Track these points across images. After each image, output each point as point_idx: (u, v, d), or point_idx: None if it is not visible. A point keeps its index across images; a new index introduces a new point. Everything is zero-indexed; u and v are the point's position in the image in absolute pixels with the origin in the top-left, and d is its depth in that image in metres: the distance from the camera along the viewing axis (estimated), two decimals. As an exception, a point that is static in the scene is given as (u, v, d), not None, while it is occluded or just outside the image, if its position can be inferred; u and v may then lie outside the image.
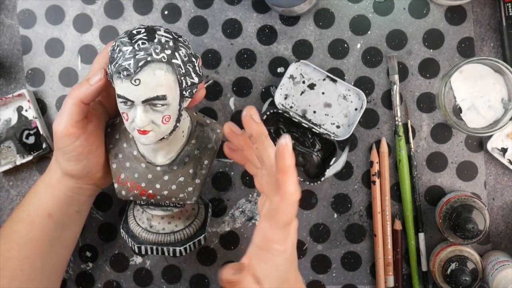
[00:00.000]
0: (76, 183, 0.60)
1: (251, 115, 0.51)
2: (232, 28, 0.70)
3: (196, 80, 0.54)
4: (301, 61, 0.68)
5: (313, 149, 0.68)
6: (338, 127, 0.68)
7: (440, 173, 0.69)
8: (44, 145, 0.71)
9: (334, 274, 0.71)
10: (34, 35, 0.72)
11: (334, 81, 0.68)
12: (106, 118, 0.61)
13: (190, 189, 0.59)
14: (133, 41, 0.51)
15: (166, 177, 0.59)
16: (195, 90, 0.55)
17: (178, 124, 0.55)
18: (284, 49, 0.70)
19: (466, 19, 0.68)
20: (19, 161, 0.71)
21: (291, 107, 0.68)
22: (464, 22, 0.68)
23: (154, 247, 0.62)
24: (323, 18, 0.69)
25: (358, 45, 0.69)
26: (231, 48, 0.70)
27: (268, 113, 0.67)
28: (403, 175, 0.68)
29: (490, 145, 0.67)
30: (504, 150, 0.67)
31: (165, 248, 0.62)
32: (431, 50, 0.68)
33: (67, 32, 0.72)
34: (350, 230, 0.70)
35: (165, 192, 0.59)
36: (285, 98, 0.68)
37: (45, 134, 0.71)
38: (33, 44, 0.72)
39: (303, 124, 0.67)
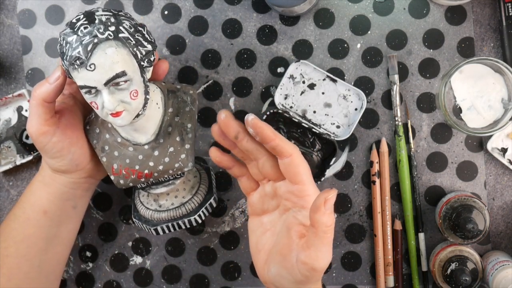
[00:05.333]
0: (69, 178, 0.60)
1: (226, 115, 0.54)
2: (232, 28, 0.70)
3: (149, 47, 0.54)
4: (301, 61, 0.68)
5: (313, 149, 0.68)
6: (338, 127, 0.68)
7: (440, 173, 0.69)
8: (44, 145, 0.71)
9: (334, 274, 0.71)
10: (34, 35, 0.72)
11: (334, 81, 0.68)
12: (81, 109, 0.61)
13: (183, 156, 0.59)
14: (75, 29, 0.51)
15: (156, 153, 0.59)
16: (153, 58, 0.54)
17: (148, 96, 0.55)
18: (284, 49, 0.70)
19: (466, 19, 0.68)
20: (19, 161, 0.71)
21: (291, 107, 0.68)
22: (464, 22, 0.68)
23: (170, 224, 0.62)
24: (323, 18, 0.69)
25: (358, 45, 0.69)
26: (231, 48, 0.70)
27: (268, 113, 0.67)
28: (403, 175, 0.68)
29: (490, 145, 0.67)
30: (504, 150, 0.67)
31: (180, 222, 0.62)
32: (431, 50, 0.68)
33: (67, 32, 0.72)
34: (350, 230, 0.70)
35: (160, 167, 0.59)
36: (285, 98, 0.68)
37: (45, 134, 0.71)
38: (33, 44, 0.72)
39: (303, 124, 0.67)
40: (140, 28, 0.54)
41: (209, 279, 0.72)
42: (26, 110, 0.72)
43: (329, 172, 0.69)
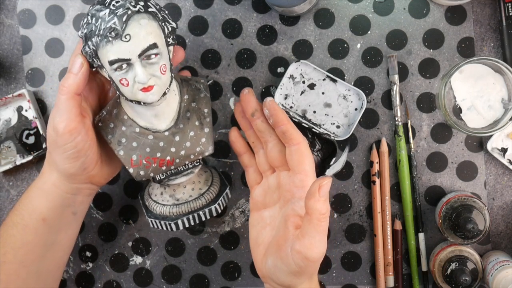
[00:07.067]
0: (71, 183, 0.60)
1: (249, 91, 0.59)
2: (232, 28, 0.70)
3: (174, 25, 0.56)
4: (301, 61, 0.68)
5: (313, 149, 0.68)
6: (338, 127, 0.68)
7: (440, 173, 0.69)
8: (44, 145, 0.71)
9: (334, 274, 0.71)
10: (34, 35, 0.72)
11: (334, 81, 0.68)
12: (91, 114, 0.60)
13: (204, 140, 0.60)
14: (106, 4, 0.52)
15: (177, 138, 0.59)
16: (175, 37, 0.56)
17: (172, 74, 0.56)
18: (284, 49, 0.70)
19: (466, 19, 0.68)
20: (19, 161, 0.71)
21: (291, 107, 0.68)
22: (464, 22, 0.68)
23: (190, 216, 0.62)
24: (323, 18, 0.69)
25: (358, 45, 0.69)
26: (231, 48, 0.70)
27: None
28: (403, 175, 0.68)
29: (490, 145, 0.67)
30: (504, 150, 0.67)
31: (201, 213, 0.62)
32: (431, 50, 0.68)
33: (67, 32, 0.72)
34: (350, 230, 0.70)
35: (182, 152, 0.59)
36: (285, 98, 0.68)
37: (45, 134, 0.71)
38: (33, 44, 0.72)
39: (303, 124, 0.67)
40: (163, 9, 0.56)
41: (209, 279, 0.72)
42: (26, 110, 0.72)
43: (329, 172, 0.69)
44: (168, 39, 0.55)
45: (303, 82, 0.68)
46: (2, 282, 0.58)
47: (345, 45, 0.69)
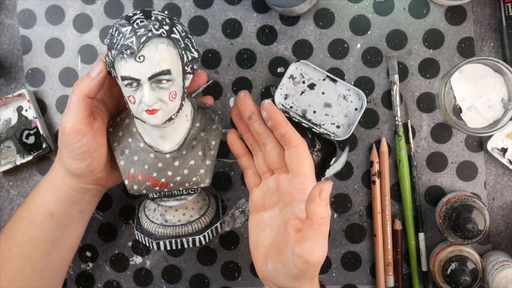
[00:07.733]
0: (78, 182, 0.60)
1: (245, 94, 0.59)
2: (232, 28, 0.70)
3: (195, 54, 0.55)
4: (301, 61, 0.67)
5: (313, 149, 0.68)
6: (338, 127, 0.68)
7: (440, 173, 0.69)
8: (44, 145, 0.71)
9: (334, 274, 0.71)
10: (34, 35, 0.72)
11: (334, 81, 0.68)
12: (108, 118, 0.61)
13: (202, 171, 0.59)
14: (131, 21, 0.52)
15: (176, 163, 0.59)
16: (195, 66, 0.56)
17: (183, 102, 0.55)
18: (284, 49, 0.70)
19: (466, 19, 0.68)
20: (19, 161, 0.71)
21: (291, 107, 0.68)
22: (464, 22, 0.68)
23: (173, 240, 0.62)
24: (323, 18, 0.69)
25: (358, 45, 0.69)
26: (231, 48, 0.70)
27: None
28: (403, 175, 0.68)
29: (490, 145, 0.67)
30: (504, 150, 0.67)
31: (184, 240, 0.62)
32: (431, 50, 0.68)
33: (67, 32, 0.72)
34: (350, 230, 0.70)
35: (178, 178, 0.59)
36: (285, 98, 0.68)
37: (45, 134, 0.71)
38: (33, 44, 0.72)
39: (303, 124, 0.67)
40: (189, 35, 0.55)
41: (209, 279, 0.72)
42: (26, 110, 0.72)
43: (329, 172, 0.69)
44: (186, 68, 0.54)
45: (303, 82, 0.68)
46: (6, 277, 0.59)
47: (345, 45, 0.69)
